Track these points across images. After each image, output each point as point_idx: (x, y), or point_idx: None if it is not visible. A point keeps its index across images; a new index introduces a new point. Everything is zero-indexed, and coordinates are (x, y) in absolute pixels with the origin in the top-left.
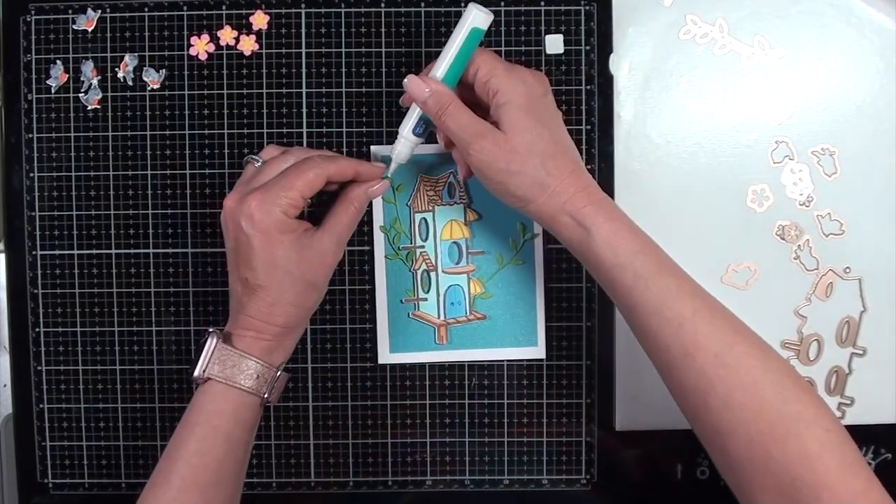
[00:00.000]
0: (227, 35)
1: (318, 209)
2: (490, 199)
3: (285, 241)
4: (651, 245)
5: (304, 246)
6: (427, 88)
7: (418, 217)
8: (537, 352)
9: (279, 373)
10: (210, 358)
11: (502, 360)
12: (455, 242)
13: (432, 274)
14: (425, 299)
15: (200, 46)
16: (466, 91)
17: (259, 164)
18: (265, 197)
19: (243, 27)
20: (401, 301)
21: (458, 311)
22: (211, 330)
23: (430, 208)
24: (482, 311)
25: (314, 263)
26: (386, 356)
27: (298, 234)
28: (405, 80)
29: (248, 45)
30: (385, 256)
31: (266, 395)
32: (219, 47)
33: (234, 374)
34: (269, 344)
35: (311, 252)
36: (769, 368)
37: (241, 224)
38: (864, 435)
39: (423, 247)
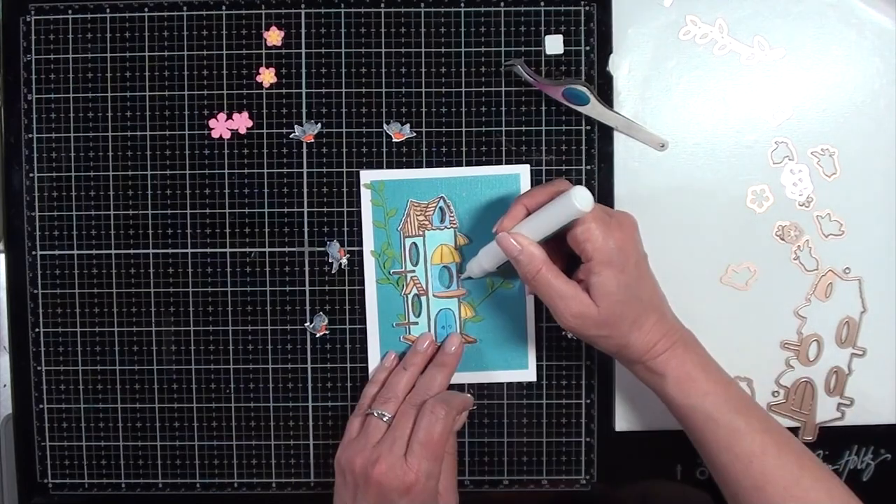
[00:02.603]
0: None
1: None
2: (479, 223)
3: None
4: (721, 385)
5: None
6: (519, 247)
7: (409, 241)
8: (527, 374)
9: None
10: None
11: (493, 383)
12: (445, 267)
13: (423, 298)
14: (416, 323)
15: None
16: (556, 241)
17: (386, 418)
18: (420, 475)
19: (243, 27)
20: (392, 325)
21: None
22: None
23: (421, 233)
24: (473, 334)
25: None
26: None
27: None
28: (497, 235)
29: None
30: (376, 281)
31: None
32: (219, 48)
33: None
34: None
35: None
36: (835, 498)
37: (389, 496)
38: (864, 435)
39: (413, 271)
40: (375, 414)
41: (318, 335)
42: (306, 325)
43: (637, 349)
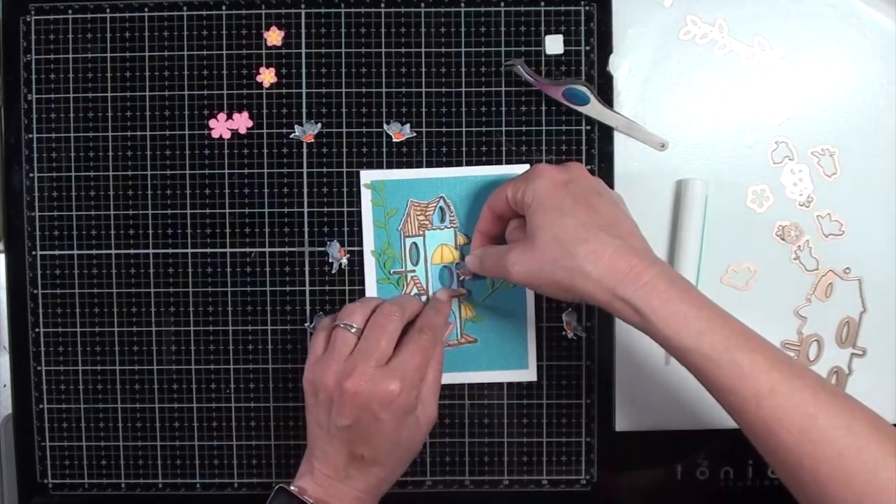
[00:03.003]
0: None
1: None
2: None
3: (409, 422)
4: (717, 320)
5: (417, 422)
6: (475, 260)
7: (409, 241)
8: (528, 374)
9: None
10: None
11: (493, 383)
12: (446, 266)
13: (423, 298)
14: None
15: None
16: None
17: (353, 329)
18: (405, 384)
19: (243, 27)
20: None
21: (448, 335)
22: (294, 490)
23: (421, 233)
24: (473, 334)
25: (420, 437)
26: None
27: (417, 412)
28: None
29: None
30: (377, 281)
31: None
32: (219, 48)
33: None
34: None
35: (420, 427)
36: (855, 434)
37: (370, 406)
38: None
39: (413, 271)
40: (342, 325)
41: None
42: (306, 325)
43: (601, 278)
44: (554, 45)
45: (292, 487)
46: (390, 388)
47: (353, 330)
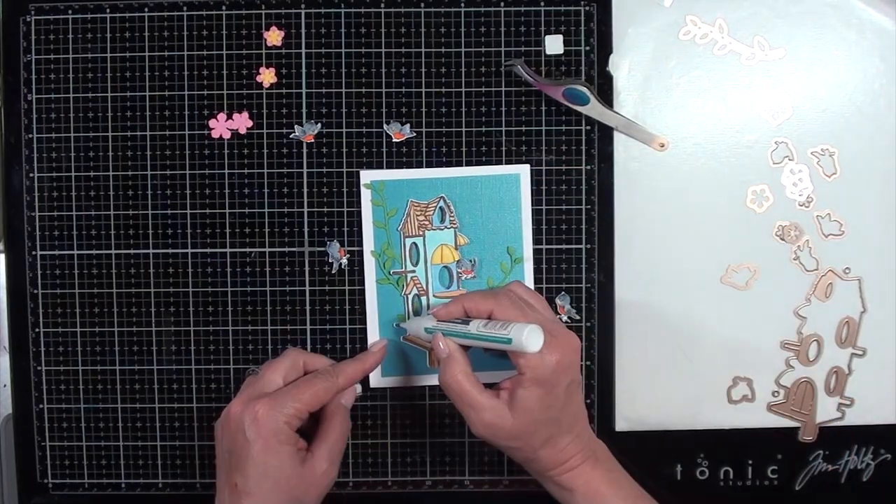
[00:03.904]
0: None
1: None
2: (479, 223)
3: (281, 453)
4: (630, 501)
5: (298, 464)
6: (446, 350)
7: (409, 242)
8: None
9: None
10: None
11: (494, 383)
12: (446, 267)
13: (423, 298)
14: None
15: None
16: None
17: (258, 373)
18: (273, 403)
19: (243, 27)
20: (392, 325)
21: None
22: None
23: (421, 233)
24: None
25: (307, 484)
26: (378, 380)
27: (295, 450)
28: (434, 338)
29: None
30: (376, 281)
31: None
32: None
33: None
34: None
35: (305, 472)
36: None
37: (243, 427)
38: (864, 435)
39: (413, 271)
40: (250, 370)
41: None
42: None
43: (546, 464)
44: (554, 45)
45: None
46: (256, 407)
47: (256, 374)
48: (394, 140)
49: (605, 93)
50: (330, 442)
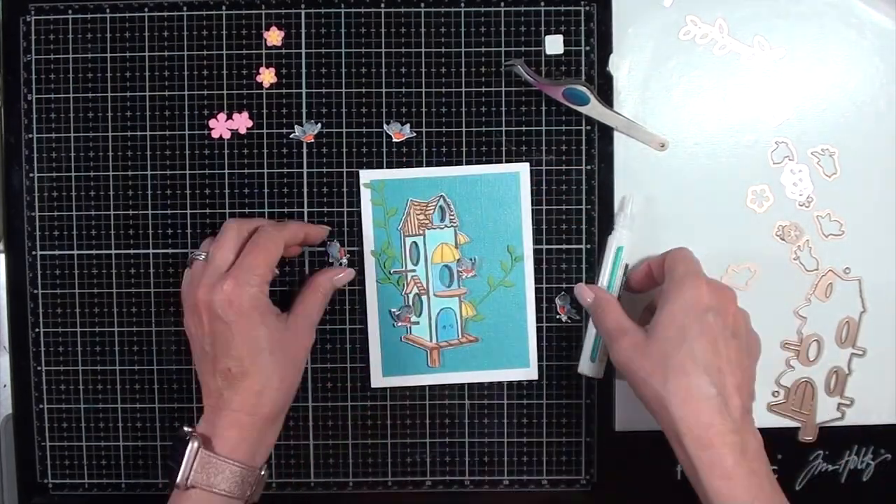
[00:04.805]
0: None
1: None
2: (479, 222)
3: (266, 322)
4: None
5: (283, 328)
6: (591, 296)
7: (409, 241)
8: (529, 373)
9: (262, 472)
10: (192, 466)
11: (495, 382)
12: (446, 266)
13: (424, 297)
14: (417, 323)
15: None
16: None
17: (203, 256)
18: (237, 280)
19: (243, 27)
20: (392, 325)
21: (450, 334)
22: (189, 431)
23: (421, 232)
24: (474, 333)
25: (297, 346)
26: (378, 380)
27: (275, 316)
28: (576, 287)
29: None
30: (377, 280)
31: (249, 498)
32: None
33: (217, 481)
34: (253, 443)
35: (289, 333)
36: None
37: (217, 312)
38: (864, 435)
39: (414, 270)
40: (193, 256)
41: None
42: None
43: (675, 419)
44: (554, 45)
45: (187, 428)
46: (224, 288)
47: (201, 257)
48: (394, 140)
49: (605, 93)
50: (308, 311)
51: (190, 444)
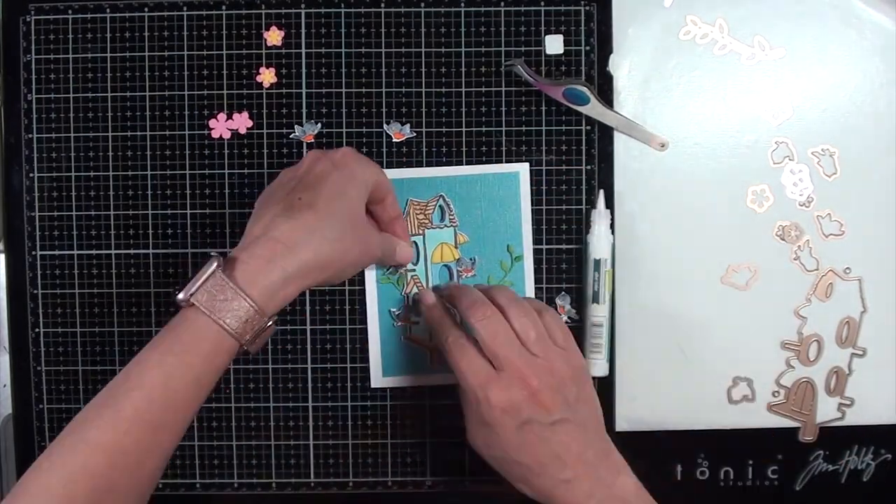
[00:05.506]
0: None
1: None
2: (479, 222)
3: (361, 191)
4: None
5: (365, 213)
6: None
7: None
8: None
9: (269, 323)
10: (202, 284)
11: None
12: (446, 265)
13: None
14: (417, 323)
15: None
16: None
17: None
18: (362, 157)
19: (243, 27)
20: (392, 325)
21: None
22: (214, 254)
23: (421, 232)
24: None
25: (364, 237)
26: (378, 380)
27: (364, 206)
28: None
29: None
30: (376, 280)
31: (247, 343)
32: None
33: (221, 309)
34: (272, 283)
35: (367, 226)
36: None
37: (330, 153)
38: (864, 435)
39: (413, 270)
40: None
41: None
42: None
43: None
44: (554, 45)
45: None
46: (350, 150)
47: None
48: (394, 140)
49: (605, 93)
50: (388, 239)
51: (209, 264)
